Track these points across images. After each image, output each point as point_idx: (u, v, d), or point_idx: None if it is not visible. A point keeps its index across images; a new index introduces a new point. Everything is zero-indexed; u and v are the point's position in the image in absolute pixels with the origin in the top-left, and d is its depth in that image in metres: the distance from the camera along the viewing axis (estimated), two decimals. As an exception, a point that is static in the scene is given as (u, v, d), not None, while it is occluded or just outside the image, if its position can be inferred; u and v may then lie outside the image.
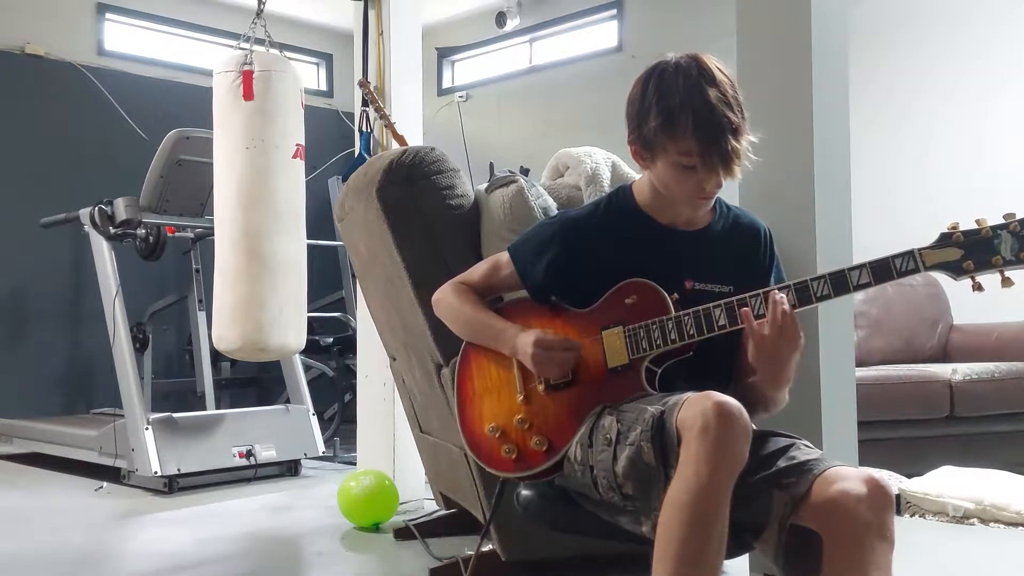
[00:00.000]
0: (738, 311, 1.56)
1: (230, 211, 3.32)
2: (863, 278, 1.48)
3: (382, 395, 3.49)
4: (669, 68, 1.64)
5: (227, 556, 2.83)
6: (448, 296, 1.92)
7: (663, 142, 1.63)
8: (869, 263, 1.48)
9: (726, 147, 1.60)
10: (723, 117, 1.59)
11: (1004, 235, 1.42)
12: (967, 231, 1.44)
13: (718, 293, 1.69)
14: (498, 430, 1.76)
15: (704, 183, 1.65)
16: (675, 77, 1.62)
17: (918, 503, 3.16)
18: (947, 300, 4.54)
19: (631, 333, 1.66)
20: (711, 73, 1.62)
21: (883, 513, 1.42)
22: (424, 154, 2.40)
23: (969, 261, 1.43)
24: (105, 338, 4.15)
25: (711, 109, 1.59)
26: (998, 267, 1.42)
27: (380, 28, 3.60)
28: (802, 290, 1.54)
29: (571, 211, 1.88)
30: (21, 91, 5.57)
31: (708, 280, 1.71)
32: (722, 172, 1.63)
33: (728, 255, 1.75)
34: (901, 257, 1.46)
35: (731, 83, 1.63)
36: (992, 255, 1.42)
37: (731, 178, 1.66)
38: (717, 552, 1.38)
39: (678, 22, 5.76)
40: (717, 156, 1.60)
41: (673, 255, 1.72)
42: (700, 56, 1.65)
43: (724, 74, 1.63)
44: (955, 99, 4.81)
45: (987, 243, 1.42)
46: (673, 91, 1.61)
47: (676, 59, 1.65)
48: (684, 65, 1.63)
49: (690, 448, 1.40)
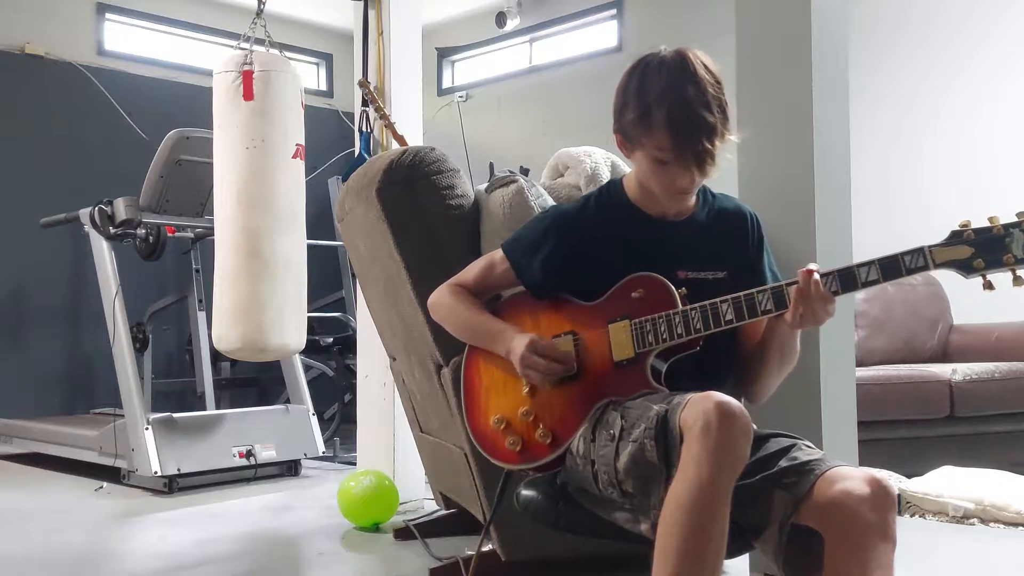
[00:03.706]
0: (745, 304, 1.55)
1: (230, 211, 3.32)
2: (872, 275, 1.47)
3: (382, 395, 3.49)
4: (654, 62, 1.64)
5: (227, 556, 2.83)
6: (444, 298, 1.92)
7: (639, 135, 1.64)
8: (878, 260, 1.47)
9: (698, 146, 1.59)
10: (698, 115, 1.59)
11: (1016, 233, 1.39)
12: (978, 229, 1.42)
13: (713, 280, 1.70)
14: (503, 422, 1.76)
15: (676, 179, 1.65)
16: (657, 72, 1.63)
17: (918, 503, 3.16)
18: (947, 300, 4.54)
19: (637, 327, 1.65)
20: (694, 70, 1.61)
21: (886, 513, 1.42)
22: (424, 154, 2.40)
23: (980, 259, 1.41)
24: (105, 338, 4.15)
25: (686, 107, 1.58)
26: (1010, 265, 1.40)
27: (380, 28, 3.60)
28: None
29: (563, 205, 1.89)
30: (21, 91, 5.57)
31: (701, 268, 1.72)
32: (695, 170, 1.63)
33: (716, 242, 1.75)
34: (911, 254, 1.44)
35: (715, 82, 1.62)
36: (1004, 253, 1.40)
37: (704, 177, 1.66)
38: (717, 552, 1.38)
39: (678, 22, 5.76)
40: (690, 154, 1.60)
41: (664, 246, 1.73)
42: (687, 52, 1.64)
43: (709, 72, 1.62)
44: (955, 99, 4.81)
45: (999, 241, 1.40)
46: (652, 86, 1.62)
47: (663, 53, 1.65)
48: (668, 60, 1.63)
49: (691, 448, 1.40)
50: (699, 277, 1.71)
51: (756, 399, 1.76)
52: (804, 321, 1.52)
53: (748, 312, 1.55)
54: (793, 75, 2.35)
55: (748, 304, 1.55)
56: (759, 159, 2.40)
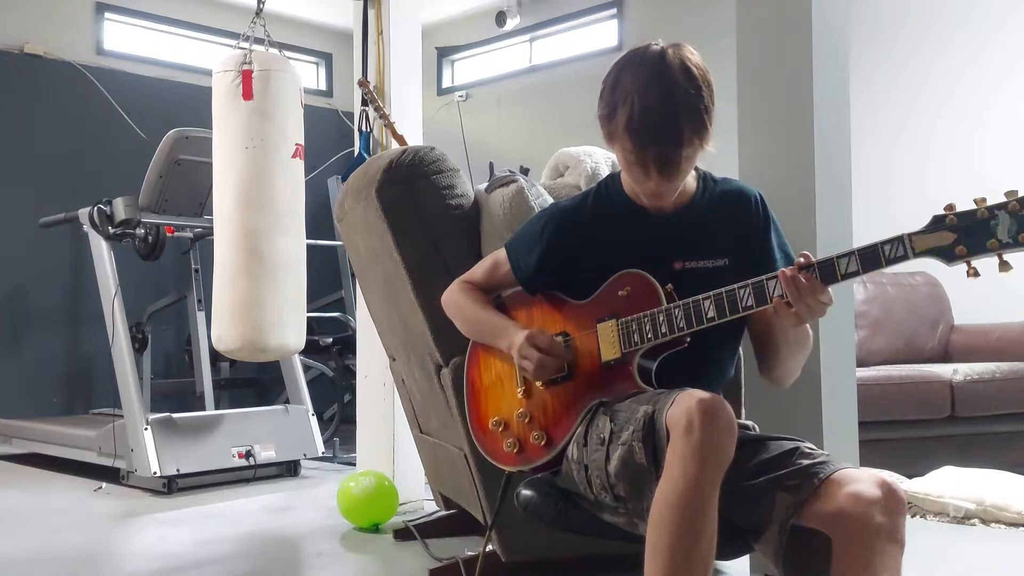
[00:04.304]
0: (727, 301, 1.53)
1: (229, 211, 3.32)
2: (851, 266, 1.42)
3: (382, 395, 3.49)
4: (635, 59, 1.60)
5: (227, 556, 2.83)
6: (455, 295, 1.94)
7: (608, 132, 1.62)
8: (858, 250, 1.42)
9: (658, 153, 1.55)
10: (660, 121, 1.54)
11: (1002, 216, 1.31)
12: (962, 213, 1.35)
13: (712, 268, 1.68)
14: (501, 424, 1.77)
15: (640, 181, 1.63)
16: (634, 70, 1.58)
17: (919, 503, 3.16)
18: (948, 300, 4.54)
19: (624, 326, 1.65)
20: (670, 72, 1.55)
21: (895, 516, 1.41)
22: (424, 154, 2.40)
23: (962, 246, 1.34)
24: (104, 338, 4.14)
25: (648, 111, 1.54)
26: (994, 251, 1.32)
27: (380, 28, 3.60)
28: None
29: (562, 203, 1.88)
30: (20, 91, 5.57)
31: (698, 257, 1.68)
32: (656, 176, 1.59)
33: (717, 228, 1.70)
34: (890, 243, 1.39)
35: (692, 87, 1.55)
36: (987, 238, 1.32)
37: (670, 183, 1.61)
38: (707, 550, 1.38)
39: (678, 22, 5.76)
40: (651, 160, 1.57)
41: (660, 238, 1.70)
42: (670, 52, 1.58)
43: (688, 75, 1.55)
44: (955, 98, 4.80)
45: (983, 225, 1.33)
46: (623, 84, 1.58)
47: (648, 50, 1.60)
48: (648, 59, 1.58)
49: (676, 447, 1.40)
50: (697, 267, 1.68)
51: (781, 383, 1.73)
52: (802, 318, 1.49)
53: (730, 309, 1.53)
54: (793, 75, 2.34)
55: (730, 301, 1.53)
56: (759, 158, 2.40)
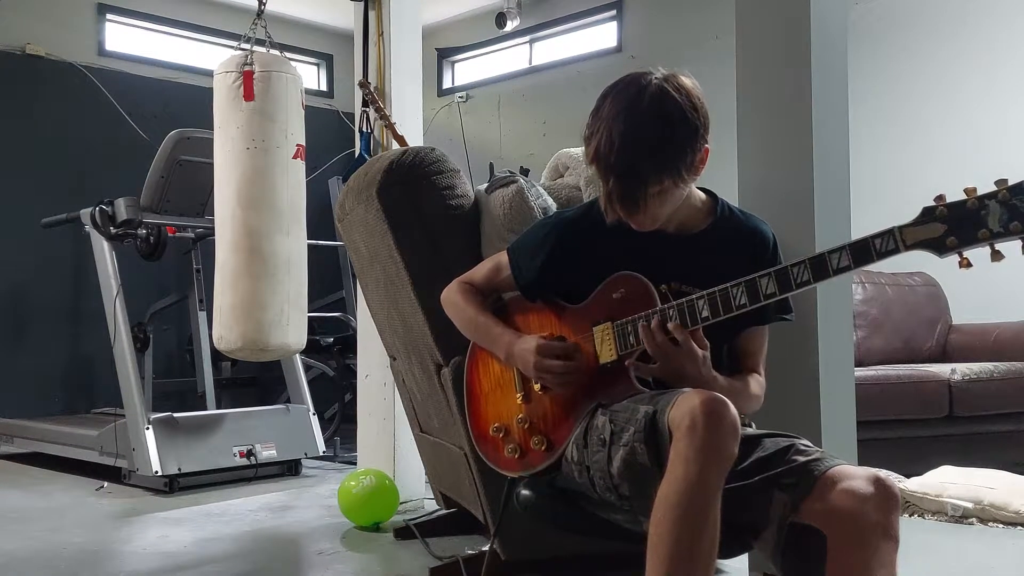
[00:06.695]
0: (720, 299, 1.54)
1: (230, 211, 3.32)
2: (842, 261, 1.42)
3: (382, 395, 3.50)
4: (620, 85, 1.61)
5: (227, 556, 2.83)
6: (453, 295, 1.94)
7: (586, 155, 1.63)
8: (848, 244, 1.42)
9: (617, 187, 1.56)
10: (620, 156, 1.54)
11: (992, 205, 1.30)
12: (952, 203, 1.34)
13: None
14: (501, 430, 1.78)
15: (608, 211, 1.63)
16: (614, 98, 1.59)
17: (917, 503, 3.16)
18: (946, 300, 4.54)
19: (619, 329, 1.65)
20: (643, 107, 1.54)
21: (890, 513, 1.42)
22: (424, 154, 2.40)
23: (952, 237, 1.33)
24: (106, 338, 4.15)
25: (611, 147, 1.54)
26: (985, 240, 1.31)
27: (380, 28, 3.61)
28: (781, 275, 1.50)
29: (567, 211, 1.89)
30: (21, 91, 5.57)
31: (691, 284, 1.66)
32: (619, 208, 1.59)
33: (724, 263, 1.65)
34: (881, 237, 1.38)
35: (668, 124, 1.54)
36: (978, 229, 1.31)
37: (632, 217, 1.61)
38: (709, 550, 1.38)
39: (678, 22, 5.77)
40: (612, 190, 1.58)
41: (656, 258, 1.69)
42: (654, 84, 1.56)
43: (665, 111, 1.54)
44: (955, 99, 4.80)
45: (973, 215, 1.31)
46: (602, 111, 1.59)
47: (634, 79, 1.60)
48: (629, 89, 1.58)
49: (679, 447, 1.40)
50: (683, 292, 1.66)
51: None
52: (662, 366, 1.56)
53: (723, 308, 1.53)
54: (793, 76, 2.35)
55: (723, 300, 1.53)
56: (759, 160, 2.40)
